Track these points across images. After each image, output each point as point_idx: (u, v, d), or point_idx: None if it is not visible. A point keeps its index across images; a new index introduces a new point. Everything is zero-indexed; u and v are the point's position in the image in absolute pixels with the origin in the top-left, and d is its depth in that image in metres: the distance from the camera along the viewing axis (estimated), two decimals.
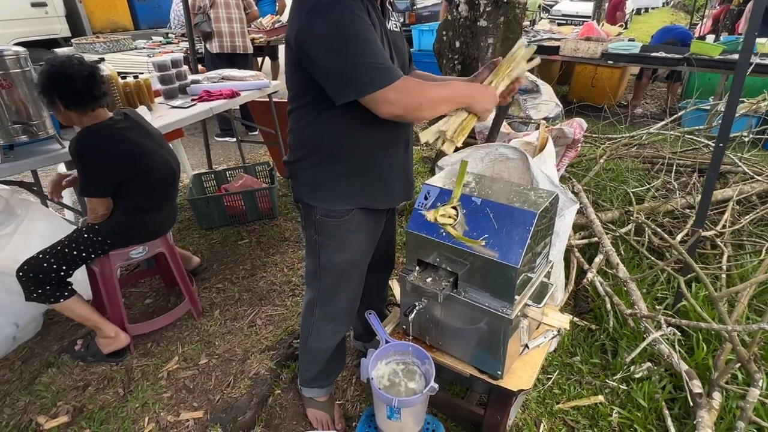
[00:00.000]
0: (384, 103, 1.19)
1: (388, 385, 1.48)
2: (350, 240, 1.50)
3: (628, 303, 2.05)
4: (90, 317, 2.05)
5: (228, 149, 4.96)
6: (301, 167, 1.45)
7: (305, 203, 1.48)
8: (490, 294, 1.35)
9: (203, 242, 3.12)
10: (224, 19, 4.44)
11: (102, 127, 1.89)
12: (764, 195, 2.84)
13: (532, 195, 1.39)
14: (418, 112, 1.23)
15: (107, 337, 2.09)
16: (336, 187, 1.42)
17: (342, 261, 1.52)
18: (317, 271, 1.56)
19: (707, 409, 1.63)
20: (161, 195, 2.12)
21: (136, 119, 2.06)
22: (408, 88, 1.20)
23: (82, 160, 1.84)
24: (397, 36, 1.40)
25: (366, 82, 1.17)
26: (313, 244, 1.52)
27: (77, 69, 1.78)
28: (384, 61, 1.18)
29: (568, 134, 2.61)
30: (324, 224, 1.47)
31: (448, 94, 1.28)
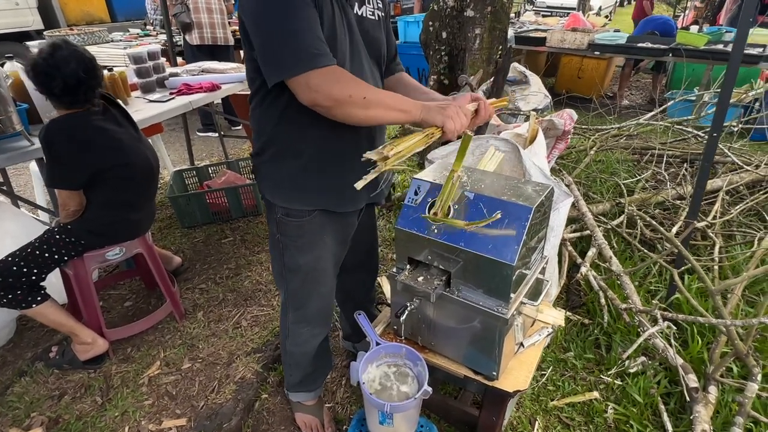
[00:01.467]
0: (305, 88, 1.06)
1: (379, 389, 1.41)
2: (315, 241, 1.42)
3: (621, 297, 2.02)
4: (65, 323, 1.95)
5: (210, 144, 4.83)
6: (261, 161, 1.36)
7: (267, 200, 1.41)
8: (484, 292, 1.29)
9: (185, 241, 3.02)
10: (204, 10, 4.29)
11: (77, 116, 1.79)
12: (752, 185, 2.84)
13: (527, 189, 1.33)
14: (345, 108, 1.09)
15: (84, 343, 1.99)
16: (295, 186, 1.34)
17: (307, 263, 1.45)
18: (283, 272, 1.49)
19: (704, 404, 1.61)
20: (139, 192, 2.02)
21: (114, 112, 1.96)
22: (337, 77, 1.08)
23: (51, 148, 1.74)
24: (371, 24, 1.29)
25: (288, 62, 1.06)
26: (276, 243, 1.45)
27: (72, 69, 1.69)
28: (313, 42, 1.06)
29: (559, 126, 2.56)
30: (285, 224, 1.39)
31: (390, 101, 1.15)
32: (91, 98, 1.80)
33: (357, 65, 1.26)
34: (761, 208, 2.64)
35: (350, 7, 1.22)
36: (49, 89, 1.71)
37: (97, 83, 1.79)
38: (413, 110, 1.17)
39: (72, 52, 1.70)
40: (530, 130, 2.34)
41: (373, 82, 1.33)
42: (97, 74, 1.78)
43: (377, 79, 1.37)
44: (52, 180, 1.79)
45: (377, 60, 1.36)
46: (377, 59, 1.36)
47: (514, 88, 3.31)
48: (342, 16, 1.19)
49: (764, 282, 2.21)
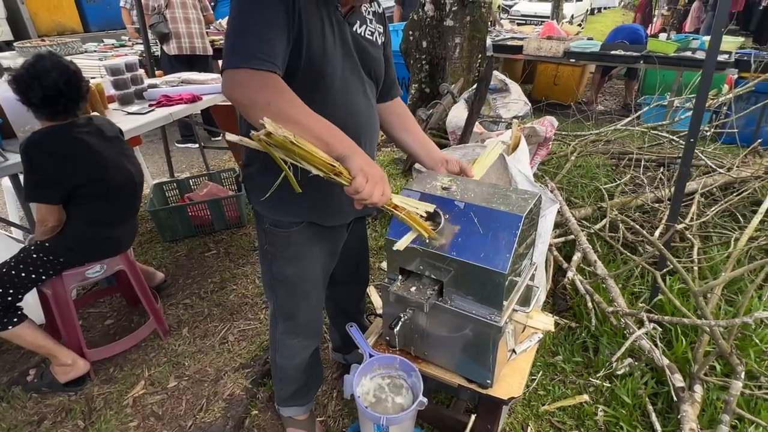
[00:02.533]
0: (230, 79, 1.02)
1: (374, 401, 1.40)
2: (303, 252, 1.42)
3: (607, 299, 2.06)
4: (43, 344, 1.87)
5: (190, 156, 4.75)
6: (249, 172, 1.36)
7: (256, 210, 1.41)
8: (476, 301, 1.30)
9: (167, 255, 2.95)
10: (181, 20, 4.25)
11: (59, 129, 1.75)
12: (725, 187, 2.94)
13: (515, 197, 1.35)
14: (258, 113, 0.97)
15: (63, 365, 1.92)
16: (282, 199, 1.32)
17: (295, 274, 1.44)
18: (272, 283, 1.48)
19: (690, 403, 1.64)
20: (120, 208, 1.98)
21: (99, 125, 1.92)
22: (266, 82, 1.01)
23: (32, 161, 1.70)
24: (369, 44, 1.31)
25: (228, 55, 1.03)
26: (265, 254, 1.45)
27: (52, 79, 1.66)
28: (259, 45, 1.02)
29: (540, 133, 2.61)
30: (273, 234, 1.39)
31: (314, 125, 1.02)
32: (72, 110, 1.76)
33: (350, 80, 1.26)
34: (735, 209, 2.73)
35: (349, 25, 1.24)
36: (29, 99, 1.67)
37: (80, 96, 1.75)
38: (336, 144, 1.04)
39: (55, 64, 1.67)
40: (513, 137, 2.38)
41: (367, 101, 1.34)
42: (79, 86, 1.74)
43: (372, 96, 1.38)
44: (29, 193, 1.73)
45: (375, 80, 1.37)
46: (375, 79, 1.36)
47: (494, 96, 3.37)
48: (334, 31, 1.19)
49: (741, 281, 2.28)
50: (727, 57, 4.45)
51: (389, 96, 1.51)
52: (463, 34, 4.01)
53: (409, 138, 1.54)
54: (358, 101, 1.30)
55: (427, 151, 1.52)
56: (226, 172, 3.50)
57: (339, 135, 1.07)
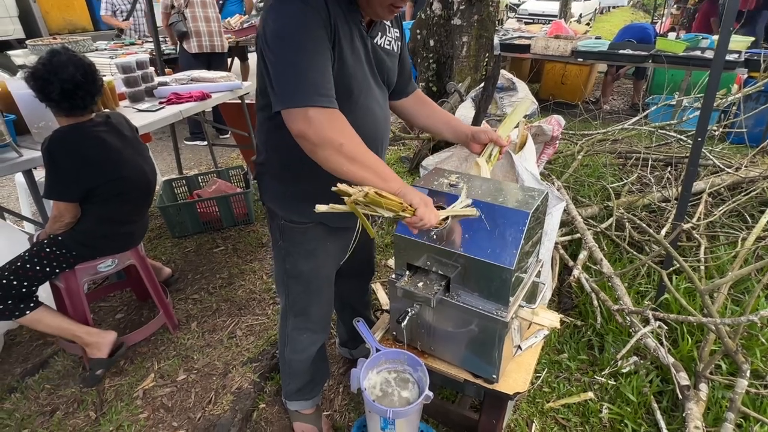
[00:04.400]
0: (302, 118, 1.06)
1: (380, 395, 1.42)
2: (317, 248, 1.45)
3: (613, 298, 2.06)
4: (66, 326, 1.91)
5: (198, 153, 4.79)
6: (263, 171, 1.40)
7: (269, 207, 1.44)
8: (483, 296, 1.32)
9: (176, 251, 2.99)
10: (201, 18, 4.30)
11: (79, 127, 1.79)
12: (733, 187, 2.93)
13: (523, 194, 1.36)
14: (330, 153, 1.06)
15: (91, 344, 1.95)
16: (294, 202, 1.37)
17: (309, 269, 1.47)
18: (284, 279, 1.50)
19: (695, 401, 1.65)
20: (134, 206, 2.01)
21: (117, 124, 1.95)
22: (336, 122, 1.08)
23: (54, 159, 1.73)
24: (386, 54, 1.33)
25: (292, 93, 1.06)
26: (279, 249, 1.47)
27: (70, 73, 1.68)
28: (321, 81, 1.07)
29: (547, 131, 2.61)
30: (289, 230, 1.42)
31: (376, 166, 1.10)
32: (90, 104, 1.79)
33: (370, 93, 1.29)
34: (742, 209, 2.72)
35: (371, 39, 1.26)
36: (47, 94, 1.70)
37: (96, 89, 1.78)
38: (394, 183, 1.12)
39: (70, 58, 1.70)
40: (520, 136, 2.38)
41: (382, 110, 1.37)
42: (95, 79, 1.77)
43: (385, 102, 1.41)
44: (50, 191, 1.76)
45: (388, 86, 1.40)
46: (388, 86, 1.40)
47: (501, 94, 3.37)
48: (360, 48, 1.21)
49: (748, 281, 2.27)
50: (736, 56, 4.42)
51: (405, 93, 1.54)
52: (471, 33, 4.02)
53: (434, 123, 1.57)
54: (377, 111, 1.34)
55: (453, 129, 1.54)
56: (235, 169, 3.53)
57: (392, 174, 1.15)
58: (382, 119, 1.37)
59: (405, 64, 1.49)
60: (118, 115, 2.02)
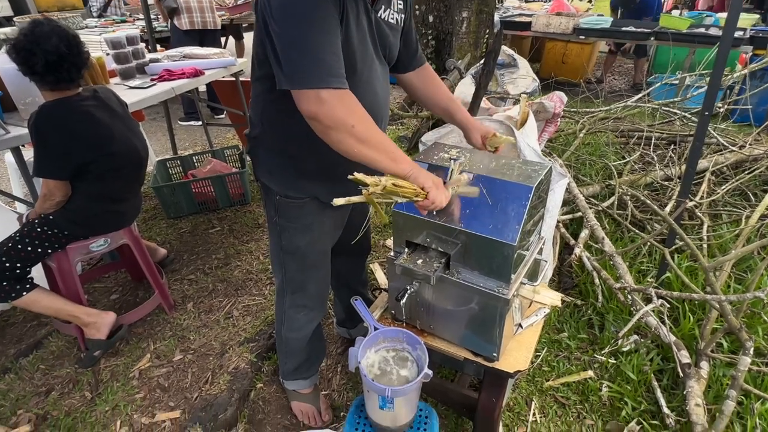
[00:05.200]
0: (314, 99, 1.02)
1: (378, 374, 1.40)
2: (313, 223, 1.42)
3: (614, 276, 2.04)
4: (62, 307, 1.88)
5: (193, 134, 4.71)
6: (258, 145, 1.35)
7: (263, 183, 1.39)
8: (484, 274, 1.28)
9: (171, 232, 2.95)
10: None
11: (66, 102, 1.72)
12: (736, 166, 2.88)
13: (526, 168, 1.32)
14: (342, 134, 1.04)
15: (89, 324, 1.93)
16: (289, 176, 1.34)
17: (305, 244, 1.44)
18: (280, 255, 1.47)
19: (696, 379, 1.63)
20: (126, 183, 1.96)
21: (105, 98, 1.88)
22: (349, 103, 1.05)
23: (42, 136, 1.67)
24: (389, 28, 1.28)
25: (305, 73, 1.01)
26: (274, 226, 1.44)
27: (53, 44, 1.61)
28: (333, 61, 1.03)
29: (549, 108, 2.56)
30: (284, 205, 1.38)
31: (388, 147, 1.10)
32: (77, 78, 1.72)
33: (372, 69, 1.25)
34: (745, 188, 2.68)
35: (375, 12, 1.20)
36: (31, 67, 1.62)
37: (82, 62, 1.71)
38: (405, 165, 1.12)
39: (53, 28, 1.62)
40: (521, 113, 2.33)
41: (383, 85, 1.34)
42: (80, 51, 1.70)
43: (386, 77, 1.36)
44: (39, 168, 1.71)
45: (389, 61, 1.35)
46: (389, 60, 1.35)
47: (502, 71, 3.29)
48: (364, 24, 1.17)
49: (750, 259, 2.25)
50: (742, 33, 4.33)
51: (411, 66, 1.49)
52: (471, 8, 3.91)
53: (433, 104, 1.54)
54: (378, 88, 1.30)
55: (450, 116, 1.52)
56: (230, 149, 3.47)
57: (404, 156, 1.14)
58: (382, 96, 1.34)
59: (410, 36, 1.43)
60: (107, 90, 1.95)
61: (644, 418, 1.68)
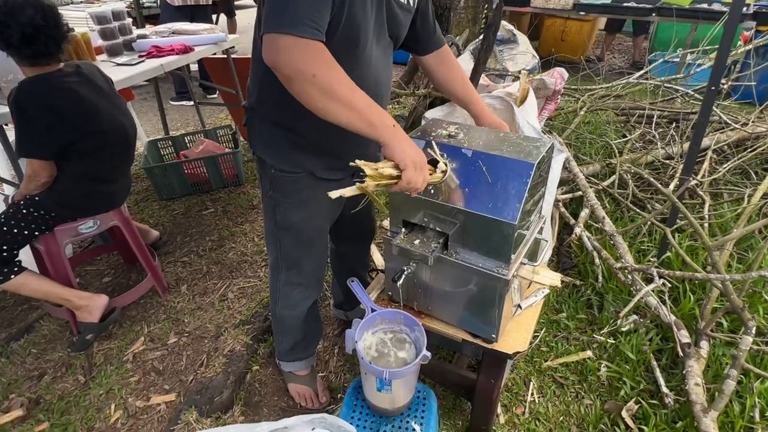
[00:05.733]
0: (273, 45, 0.94)
1: (376, 356, 1.37)
2: (308, 199, 1.38)
3: (615, 256, 2.01)
4: (52, 290, 1.84)
5: (185, 114, 4.61)
6: (254, 116, 1.30)
7: (258, 156, 1.35)
8: (483, 254, 1.25)
9: (164, 214, 2.90)
10: None
11: (46, 77, 1.64)
12: (737, 144, 2.84)
13: (526, 144, 1.27)
14: (304, 85, 0.95)
15: (81, 307, 1.89)
16: (284, 149, 1.29)
17: (300, 220, 1.40)
18: (275, 231, 1.44)
19: (696, 359, 1.62)
20: (114, 162, 1.90)
21: (89, 74, 1.80)
22: (312, 52, 0.94)
23: (23, 114, 1.60)
24: (401, 9, 1.22)
25: (273, 18, 0.94)
26: (269, 200, 1.40)
27: (28, 16, 1.53)
28: (308, 11, 0.94)
29: (549, 85, 2.49)
30: (279, 179, 1.33)
31: (360, 104, 0.99)
32: (56, 52, 1.64)
33: (377, 47, 1.20)
34: (747, 166, 2.65)
35: None
36: (6, 40, 1.55)
37: (60, 35, 1.63)
38: (380, 127, 1.01)
39: (27, 0, 1.54)
40: (521, 89, 2.27)
41: (388, 66, 1.29)
42: (58, 23, 1.62)
43: (390, 58, 1.32)
44: (21, 148, 1.65)
45: (395, 41, 1.30)
46: (395, 41, 1.30)
47: (501, 47, 3.21)
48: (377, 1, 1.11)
49: (751, 239, 2.23)
50: (746, 9, 4.23)
51: (429, 48, 1.43)
52: None
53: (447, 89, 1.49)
54: (382, 67, 1.25)
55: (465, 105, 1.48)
56: (223, 129, 3.39)
57: (383, 115, 1.03)
58: (384, 75, 1.28)
59: (427, 18, 1.37)
60: (90, 66, 1.88)
61: (643, 397, 1.67)
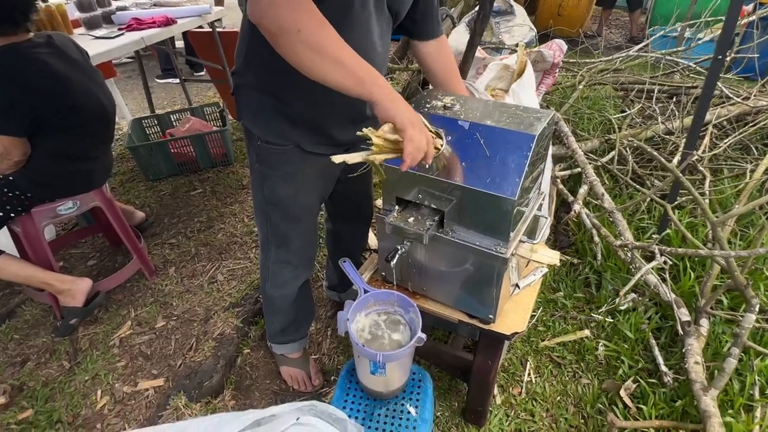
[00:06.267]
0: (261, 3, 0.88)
1: (369, 338, 1.32)
2: (295, 173, 1.31)
3: (614, 234, 1.96)
4: (32, 273, 1.78)
5: (172, 92, 4.47)
6: (241, 84, 1.22)
7: (245, 126, 1.28)
8: (481, 231, 1.19)
9: (151, 195, 2.81)
10: None
11: (13, 48, 1.54)
12: (737, 119, 2.78)
13: (526, 115, 1.20)
14: (288, 41, 0.89)
15: (64, 291, 1.83)
16: (270, 119, 1.22)
17: (287, 195, 1.34)
18: (263, 206, 1.38)
19: (696, 337, 1.59)
20: (92, 139, 1.80)
21: (61, 46, 1.69)
22: (301, 7, 0.88)
23: None
24: None
25: None
26: (256, 173, 1.33)
27: None
28: None
29: (548, 57, 2.40)
30: (266, 151, 1.26)
31: (348, 60, 0.92)
32: (21, 20, 1.53)
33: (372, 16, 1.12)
34: (748, 141, 2.59)
35: None
36: None
37: (25, 3, 1.52)
38: (371, 85, 0.93)
39: None
40: (519, 62, 2.18)
41: (383, 40, 1.20)
42: None
43: (388, 33, 1.23)
44: None
45: (395, 16, 1.22)
46: (395, 16, 1.21)
47: (498, 19, 3.10)
48: None
49: (752, 215, 2.18)
50: None
51: (427, 34, 1.35)
52: None
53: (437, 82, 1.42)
54: (375, 39, 1.17)
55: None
56: (210, 106, 3.28)
57: (374, 73, 0.95)
58: (380, 48, 1.20)
59: (431, 2, 1.29)
60: (63, 37, 1.76)
61: (641, 376, 1.65)
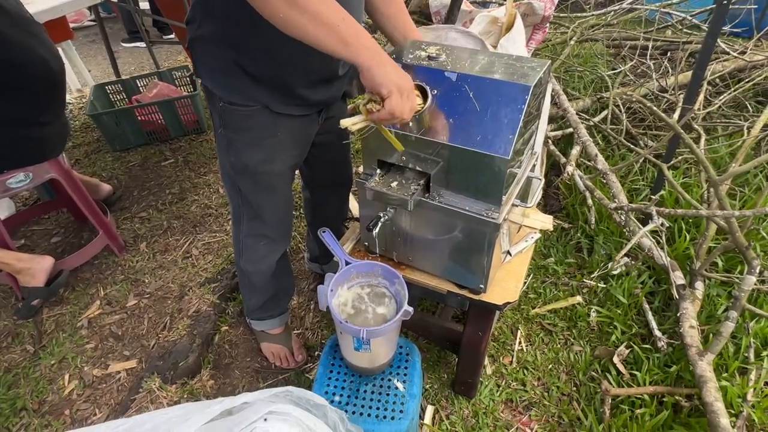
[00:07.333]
0: None
1: (352, 312, 1.23)
2: (264, 137, 1.18)
3: (608, 196, 1.88)
4: None
5: (140, 56, 4.20)
6: (197, 36, 1.07)
7: (205, 86, 1.13)
8: (470, 195, 1.09)
9: (118, 166, 2.64)
10: None
11: None
12: (731, 76, 2.68)
13: (519, 65, 1.08)
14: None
15: (22, 270, 1.70)
16: (231, 76, 1.07)
17: (257, 162, 1.21)
18: (231, 175, 1.25)
19: (691, 300, 1.54)
20: (37, 102, 1.63)
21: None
22: None
23: None
24: None
25: None
26: (221, 139, 1.20)
27: None
28: None
29: (538, 10, 2.24)
30: (230, 113, 1.13)
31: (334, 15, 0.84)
32: None
33: None
34: (743, 98, 2.51)
35: None
36: None
37: None
38: (355, 46, 0.85)
39: None
40: (507, 14, 2.03)
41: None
42: None
43: None
44: None
45: None
46: None
47: None
48: None
49: (747, 174, 2.12)
50: None
51: None
52: None
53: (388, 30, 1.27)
54: None
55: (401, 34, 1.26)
56: (179, 70, 3.06)
57: (359, 32, 0.87)
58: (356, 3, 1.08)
59: None
60: None
61: (634, 342, 1.60)
